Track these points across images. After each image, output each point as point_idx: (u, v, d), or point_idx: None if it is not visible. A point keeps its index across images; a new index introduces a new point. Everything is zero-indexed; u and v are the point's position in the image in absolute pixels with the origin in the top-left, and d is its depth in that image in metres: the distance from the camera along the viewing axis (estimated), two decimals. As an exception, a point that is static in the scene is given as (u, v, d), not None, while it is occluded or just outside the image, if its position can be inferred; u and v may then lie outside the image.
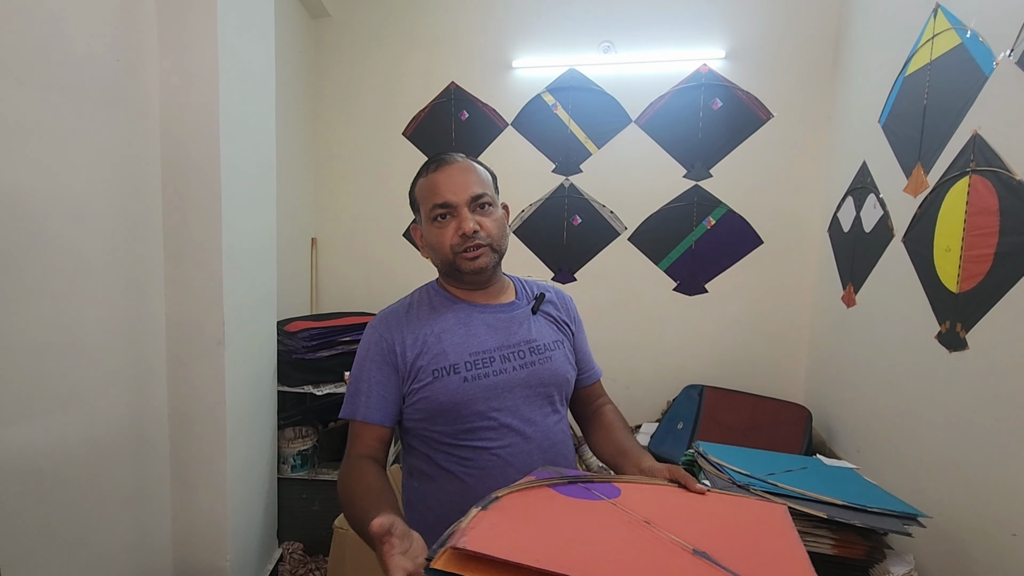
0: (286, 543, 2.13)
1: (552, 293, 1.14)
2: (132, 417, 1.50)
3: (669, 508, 0.75)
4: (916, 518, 1.07)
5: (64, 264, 1.29)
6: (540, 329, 1.05)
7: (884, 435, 1.67)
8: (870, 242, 1.82)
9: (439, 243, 0.98)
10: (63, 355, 1.29)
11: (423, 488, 1.00)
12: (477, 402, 0.94)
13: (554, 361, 1.03)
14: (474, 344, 0.98)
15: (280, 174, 2.11)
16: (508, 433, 0.96)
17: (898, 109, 1.69)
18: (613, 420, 1.11)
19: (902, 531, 1.04)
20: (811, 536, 1.09)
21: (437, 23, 2.67)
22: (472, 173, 0.99)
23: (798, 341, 2.46)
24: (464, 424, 0.95)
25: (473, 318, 1.01)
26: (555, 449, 1.01)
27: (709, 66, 2.44)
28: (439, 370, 0.95)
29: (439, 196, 0.96)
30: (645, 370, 2.61)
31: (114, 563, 1.46)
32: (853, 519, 1.05)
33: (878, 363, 1.73)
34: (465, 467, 0.95)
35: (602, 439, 1.09)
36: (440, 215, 0.97)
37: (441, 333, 0.98)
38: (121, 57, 1.43)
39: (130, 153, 1.47)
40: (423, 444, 0.99)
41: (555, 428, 1.02)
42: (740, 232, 2.48)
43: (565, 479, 0.81)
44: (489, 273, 1.02)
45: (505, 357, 0.98)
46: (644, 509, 0.72)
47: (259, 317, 1.85)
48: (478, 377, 0.95)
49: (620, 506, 0.72)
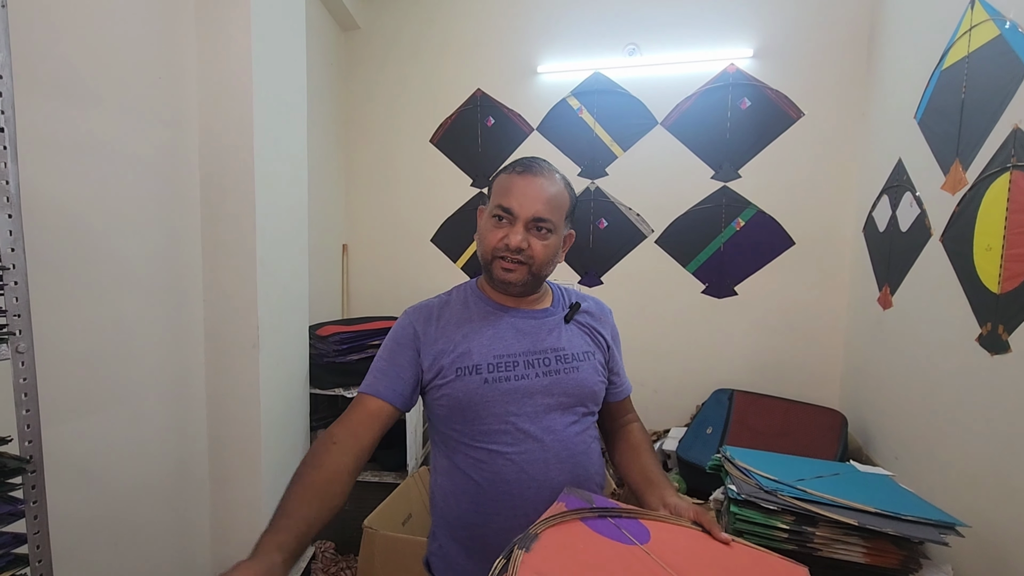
0: (318, 542, 2.18)
1: (591, 303, 1.13)
2: (173, 416, 1.57)
3: (696, 559, 0.76)
4: (954, 527, 1.03)
5: (111, 272, 1.36)
6: (571, 338, 1.04)
7: (923, 441, 1.60)
8: (907, 242, 1.76)
9: (486, 239, 0.99)
10: (110, 358, 1.37)
11: (444, 486, 1.01)
12: (495, 404, 0.94)
13: (581, 372, 1.01)
14: (499, 347, 0.98)
15: (313, 183, 2.18)
16: (525, 439, 0.95)
17: (935, 104, 1.63)
18: (640, 441, 1.09)
19: (938, 540, 1.01)
20: (842, 544, 1.06)
21: (463, 32, 2.72)
22: (547, 193, 0.97)
23: (833, 345, 2.39)
24: (481, 425, 0.95)
25: (503, 321, 1.02)
26: (574, 459, 0.98)
27: (737, 65, 2.41)
28: (462, 369, 0.95)
29: (507, 199, 0.96)
30: (673, 374, 2.58)
31: (157, 555, 1.53)
32: (886, 527, 1.02)
33: (916, 367, 1.67)
34: (480, 469, 0.95)
35: (628, 461, 1.07)
36: (500, 215, 0.97)
37: (469, 333, 0.99)
38: (163, 75, 1.51)
39: (171, 167, 1.55)
40: (445, 443, 1.00)
41: (576, 439, 1.00)
42: (771, 233, 2.43)
43: (594, 512, 0.80)
44: (518, 289, 1.01)
45: (529, 363, 0.98)
46: (673, 558, 0.72)
47: (292, 321, 1.91)
48: (499, 380, 0.95)
49: (652, 555, 0.72)
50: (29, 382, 0.81)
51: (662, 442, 2.30)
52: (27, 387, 0.81)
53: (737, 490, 1.09)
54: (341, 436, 0.89)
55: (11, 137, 0.77)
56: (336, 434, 0.89)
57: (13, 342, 0.79)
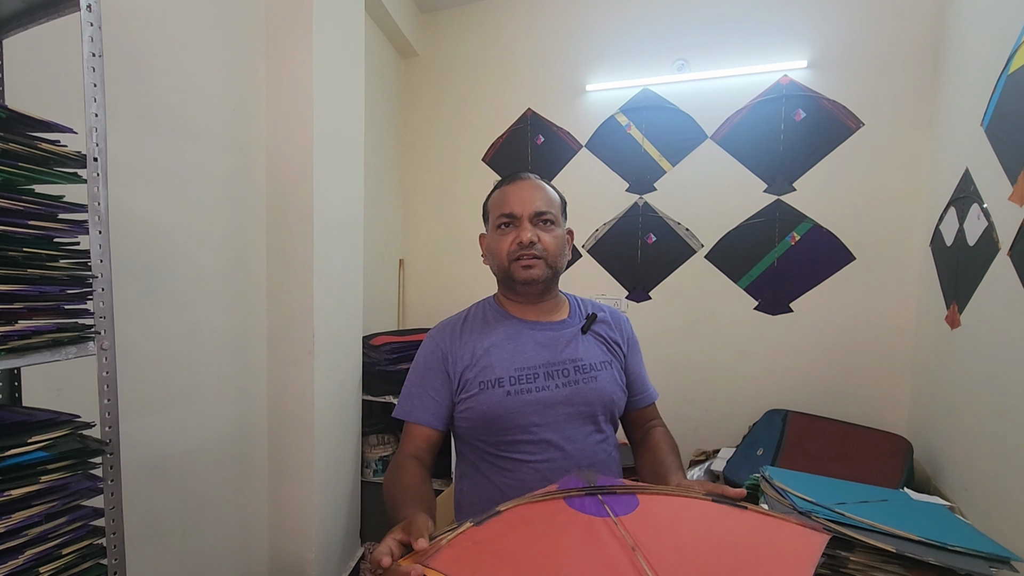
0: (368, 543, 2.28)
1: (606, 313, 1.15)
2: (238, 417, 1.72)
3: (675, 526, 0.73)
4: (1008, 561, 0.96)
5: (187, 283, 1.53)
6: (588, 349, 1.07)
7: (995, 472, 1.48)
8: (974, 256, 1.65)
9: (498, 250, 1.04)
10: (184, 360, 1.52)
11: (469, 492, 1.05)
12: (518, 416, 0.98)
13: (599, 381, 1.04)
14: (520, 360, 1.02)
15: (370, 202, 2.33)
16: (547, 448, 0.98)
17: (1001, 110, 1.53)
18: (659, 441, 1.09)
19: (986, 573, 0.94)
20: (879, 572, 1.01)
21: (515, 54, 2.82)
22: (540, 191, 1.05)
23: (900, 366, 2.24)
24: (506, 436, 0.99)
25: (523, 334, 1.05)
26: (595, 468, 1.00)
27: (791, 77, 2.35)
28: (485, 383, 1.00)
29: (506, 207, 1.03)
30: (724, 392, 2.50)
31: (220, 544, 1.67)
32: (927, 556, 0.96)
33: (987, 390, 1.55)
34: (505, 477, 0.99)
35: (646, 462, 1.07)
36: (504, 224, 1.03)
37: (490, 347, 1.03)
38: (236, 106, 1.68)
39: (241, 189, 1.72)
40: (470, 451, 1.05)
41: (597, 447, 1.03)
42: (828, 248, 2.32)
43: (583, 490, 0.81)
44: (541, 286, 1.05)
45: (549, 375, 1.01)
46: (643, 529, 0.70)
47: (346, 331, 2.04)
48: (521, 392, 0.99)
49: (621, 525, 0.71)
50: (110, 376, 0.94)
51: (711, 462, 2.23)
52: (108, 380, 0.93)
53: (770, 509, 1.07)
54: (409, 458, 0.99)
55: (103, 166, 0.91)
56: (405, 456, 0.99)
57: (99, 340, 0.92)
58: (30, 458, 0.85)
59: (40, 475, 0.86)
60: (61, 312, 0.91)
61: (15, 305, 0.83)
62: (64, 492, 0.89)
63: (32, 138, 0.85)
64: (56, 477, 0.88)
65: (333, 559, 1.99)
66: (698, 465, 2.28)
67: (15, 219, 0.83)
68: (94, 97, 0.91)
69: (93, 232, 0.91)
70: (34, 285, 0.85)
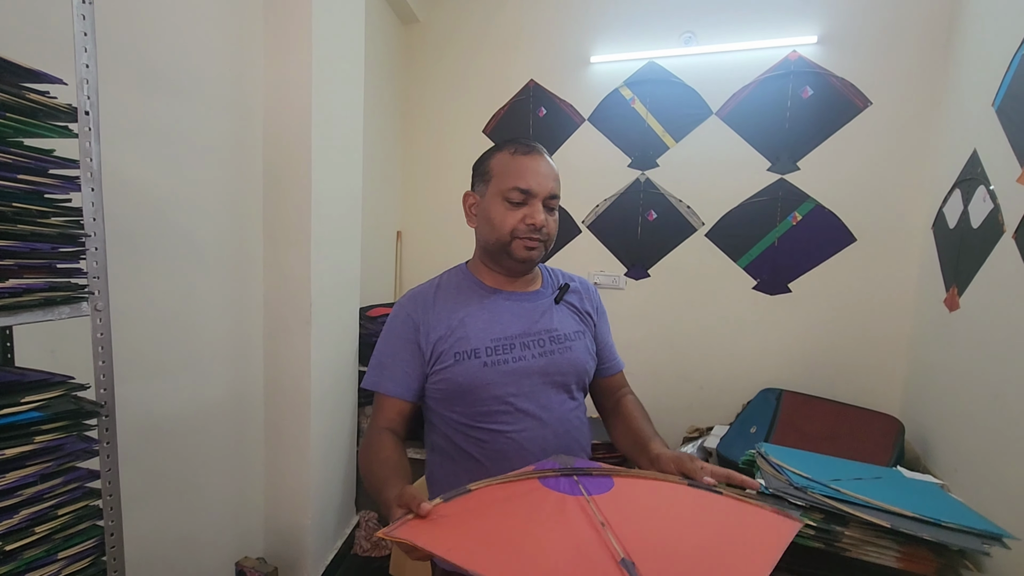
0: (363, 512, 2.30)
1: (577, 283, 1.15)
2: (234, 384, 1.71)
3: (647, 507, 0.74)
4: (1000, 538, 0.97)
5: (182, 247, 1.50)
6: (562, 319, 1.07)
7: (985, 453, 1.50)
8: (977, 239, 1.64)
9: (501, 223, 1.00)
10: (179, 326, 1.51)
11: (444, 464, 1.04)
12: (495, 387, 0.97)
13: (573, 351, 1.04)
14: (496, 330, 1.00)
15: (369, 173, 2.28)
16: (524, 418, 0.98)
17: (1014, 90, 1.51)
18: (632, 410, 1.09)
19: (979, 549, 0.95)
20: (873, 547, 1.02)
21: (519, 23, 2.74)
22: (554, 171, 1.03)
23: (895, 348, 2.25)
24: (482, 407, 0.98)
25: (498, 304, 1.04)
26: (570, 435, 1.02)
27: (799, 52, 2.30)
28: (460, 353, 0.97)
29: (523, 181, 0.98)
30: (720, 371, 2.52)
31: (217, 509, 1.68)
32: (921, 532, 0.97)
33: (982, 373, 1.56)
34: (482, 448, 0.98)
35: (621, 431, 1.08)
36: (516, 199, 0.99)
37: (465, 317, 1.01)
38: (233, 67, 1.63)
39: (238, 154, 1.68)
40: (443, 424, 1.03)
41: (571, 415, 1.04)
42: (830, 228, 2.31)
43: (559, 471, 0.81)
44: (532, 266, 1.05)
45: (525, 345, 1.00)
46: (615, 509, 0.70)
47: (343, 301, 2.02)
48: (498, 363, 0.98)
49: (593, 504, 0.71)
50: (104, 337, 0.92)
51: (704, 439, 2.25)
52: (103, 342, 0.92)
53: (766, 484, 1.08)
54: (384, 432, 0.98)
55: (95, 120, 0.88)
56: (379, 430, 0.98)
57: (92, 301, 0.90)
58: (24, 418, 0.83)
59: (34, 435, 0.85)
60: (53, 271, 0.88)
61: (6, 261, 0.81)
62: (59, 453, 0.89)
63: (21, 88, 0.81)
64: (51, 438, 0.87)
65: (329, 526, 2.01)
66: (691, 442, 2.30)
67: (4, 172, 0.80)
68: (84, 47, 0.87)
69: (85, 189, 0.88)
70: (25, 242, 0.83)
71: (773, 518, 0.73)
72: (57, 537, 0.90)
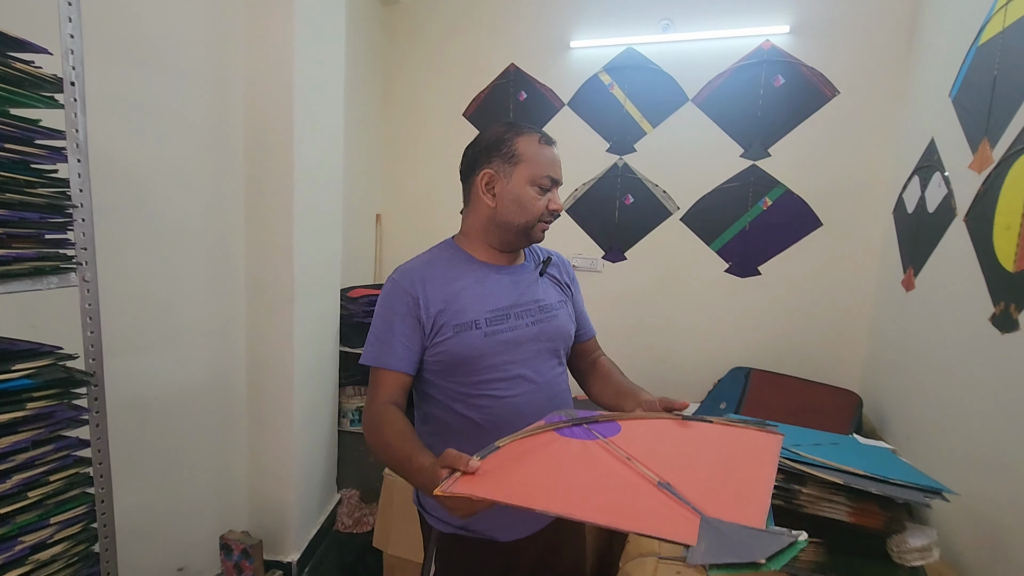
0: (344, 489, 2.34)
1: (556, 257, 1.25)
2: (217, 360, 1.72)
3: (657, 442, 0.82)
4: (940, 492, 1.06)
5: (164, 224, 1.50)
6: (547, 290, 1.16)
7: (933, 422, 1.61)
8: (932, 223, 1.74)
9: (532, 208, 1.06)
10: (163, 302, 1.51)
11: (440, 433, 1.08)
12: (494, 355, 1.03)
13: (559, 319, 1.14)
14: (491, 302, 1.06)
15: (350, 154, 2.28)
16: (521, 383, 1.06)
17: (969, 81, 1.60)
18: (610, 368, 1.21)
19: (921, 502, 1.04)
20: (828, 502, 1.11)
21: (499, 6, 2.75)
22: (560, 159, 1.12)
23: (857, 328, 2.36)
24: (481, 376, 1.03)
25: (490, 278, 1.10)
26: (560, 397, 1.12)
27: (772, 42, 2.37)
28: (460, 325, 1.02)
29: (554, 170, 1.07)
30: (693, 351, 2.60)
31: (202, 483, 1.70)
32: (870, 487, 1.06)
33: (933, 348, 1.66)
34: (482, 414, 1.04)
35: (601, 386, 1.19)
36: (547, 185, 1.07)
37: (460, 291, 1.06)
38: (214, 41, 1.62)
39: (219, 128, 1.67)
40: (440, 393, 1.07)
41: (559, 379, 1.14)
42: (798, 213, 2.40)
43: (570, 422, 0.89)
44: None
45: (518, 315, 1.08)
46: (633, 446, 0.79)
47: (324, 281, 2.03)
48: (496, 332, 1.04)
49: (612, 444, 0.79)
50: (93, 307, 0.93)
51: (676, 416, 2.34)
52: (91, 312, 0.93)
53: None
54: (389, 406, 1.00)
55: (80, 91, 0.88)
56: (384, 405, 1.00)
57: (80, 271, 0.92)
58: (15, 385, 0.85)
59: (26, 402, 0.86)
60: (42, 241, 0.89)
61: (-6, 230, 0.82)
62: (50, 420, 0.90)
63: (6, 56, 0.82)
64: (41, 405, 0.88)
65: (312, 503, 2.04)
66: (664, 418, 2.39)
67: (-9, 141, 0.81)
68: (69, 16, 0.87)
69: (72, 160, 0.89)
70: (13, 211, 0.84)
71: (759, 435, 0.84)
72: (49, 503, 0.92)
